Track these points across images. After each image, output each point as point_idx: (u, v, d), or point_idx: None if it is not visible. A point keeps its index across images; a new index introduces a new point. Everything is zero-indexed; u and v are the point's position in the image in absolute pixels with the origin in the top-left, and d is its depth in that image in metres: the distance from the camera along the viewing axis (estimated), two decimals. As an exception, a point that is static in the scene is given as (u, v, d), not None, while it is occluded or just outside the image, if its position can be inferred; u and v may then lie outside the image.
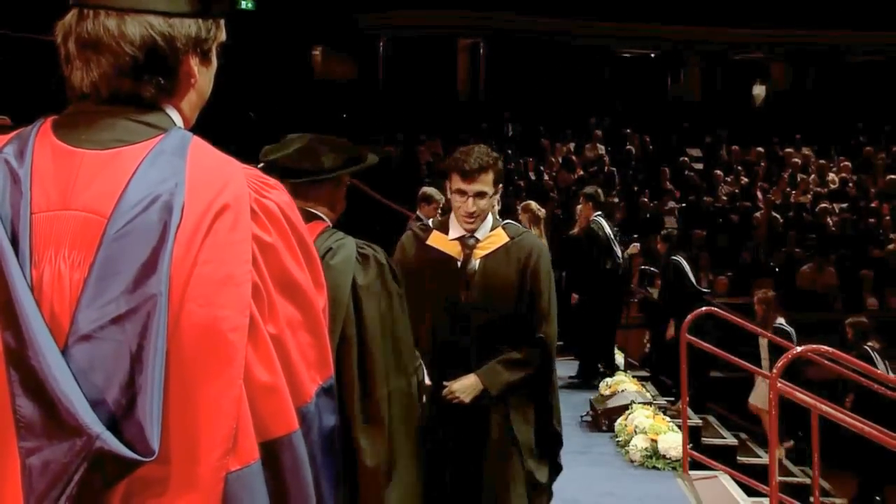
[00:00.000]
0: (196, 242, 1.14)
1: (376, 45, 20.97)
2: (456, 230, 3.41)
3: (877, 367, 7.67)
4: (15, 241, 1.13)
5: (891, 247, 13.09)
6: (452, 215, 3.44)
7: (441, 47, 21.05)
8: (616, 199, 14.79)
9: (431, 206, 8.01)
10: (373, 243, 2.63)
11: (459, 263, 3.37)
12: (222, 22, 1.33)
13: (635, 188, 16.17)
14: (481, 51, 21.49)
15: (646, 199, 15.57)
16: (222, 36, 1.33)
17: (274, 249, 1.22)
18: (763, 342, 8.36)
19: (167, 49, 1.24)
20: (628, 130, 18.63)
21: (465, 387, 3.33)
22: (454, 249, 3.40)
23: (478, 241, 3.40)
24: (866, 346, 8.22)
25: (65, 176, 1.18)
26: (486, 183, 3.28)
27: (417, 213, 8.16)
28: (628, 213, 14.88)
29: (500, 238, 3.41)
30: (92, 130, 1.21)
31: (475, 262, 3.37)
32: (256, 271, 1.20)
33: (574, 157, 17.21)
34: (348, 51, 20.44)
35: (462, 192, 3.30)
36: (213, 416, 1.14)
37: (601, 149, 17.79)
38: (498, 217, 3.56)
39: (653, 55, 22.24)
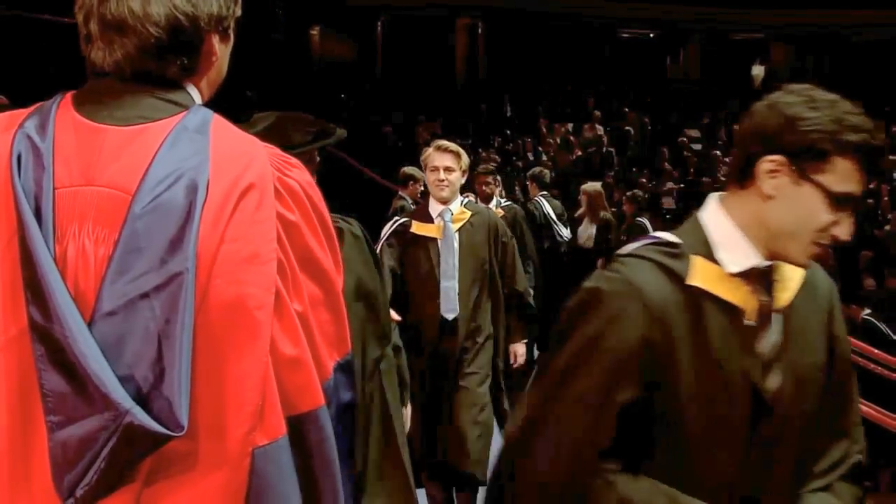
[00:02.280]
0: (222, 220, 1.15)
1: (374, 25, 20.88)
2: (747, 254, 1.63)
3: None
4: (38, 216, 1.13)
5: (888, 227, 13.09)
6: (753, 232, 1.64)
7: (439, 27, 20.96)
8: (613, 181, 14.79)
9: (414, 186, 8.00)
10: (349, 217, 2.68)
11: (754, 321, 1.64)
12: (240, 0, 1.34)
13: (634, 169, 16.15)
14: (479, 31, 21.40)
15: (644, 180, 15.54)
16: (238, 11, 1.34)
17: (297, 228, 1.23)
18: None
19: (190, 28, 1.24)
20: (627, 111, 18.59)
21: None
22: (746, 299, 1.62)
23: (772, 274, 1.68)
24: None
25: (88, 152, 1.18)
26: None
27: (400, 192, 8.16)
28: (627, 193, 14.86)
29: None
30: (114, 107, 1.21)
31: (777, 323, 1.67)
32: (280, 249, 1.20)
33: (572, 138, 17.16)
34: (346, 31, 20.36)
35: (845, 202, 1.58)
36: (240, 391, 1.15)
37: (600, 129, 17.74)
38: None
39: (652, 35, 22.16)
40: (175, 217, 1.12)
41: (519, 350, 4.72)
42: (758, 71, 21.89)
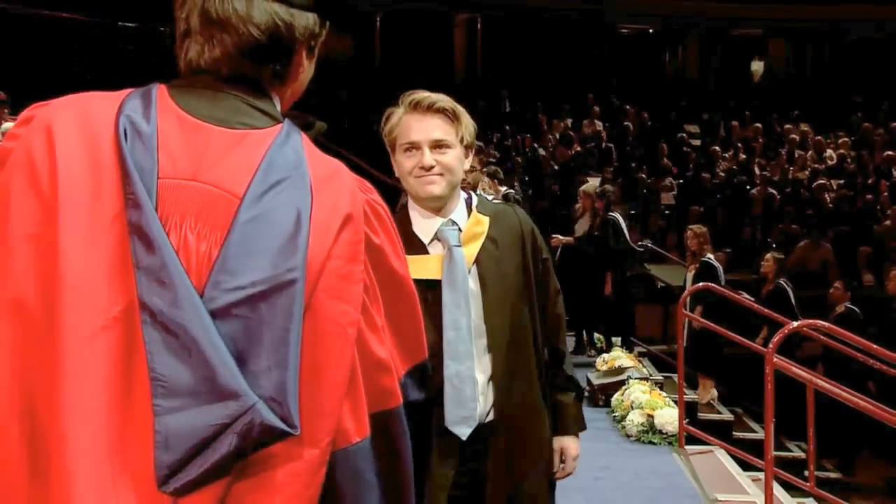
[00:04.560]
0: (329, 237, 1.19)
1: (373, 22, 20.85)
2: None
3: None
4: None
5: (888, 223, 13.10)
6: None
7: (438, 23, 20.93)
8: (612, 176, 14.79)
9: None
10: None
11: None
12: (328, 23, 1.37)
13: (633, 164, 16.14)
14: (478, 26, 21.38)
15: (643, 176, 15.55)
16: (325, 35, 1.37)
17: (381, 251, 1.29)
18: (689, 275, 8.71)
19: (287, 36, 1.28)
20: (626, 107, 18.58)
21: None
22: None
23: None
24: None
25: (193, 147, 1.19)
26: None
27: None
28: (626, 189, 14.87)
29: None
30: (214, 108, 1.23)
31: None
32: (364, 269, 1.26)
33: (572, 134, 17.16)
34: (345, 28, 20.33)
35: None
36: (328, 401, 1.19)
37: (599, 125, 17.74)
38: None
39: (651, 31, 22.14)
40: (285, 226, 1.15)
41: (569, 448, 2.60)
42: (757, 66, 21.87)
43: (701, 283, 7.47)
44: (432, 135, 2.38)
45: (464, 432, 2.34)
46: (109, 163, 1.15)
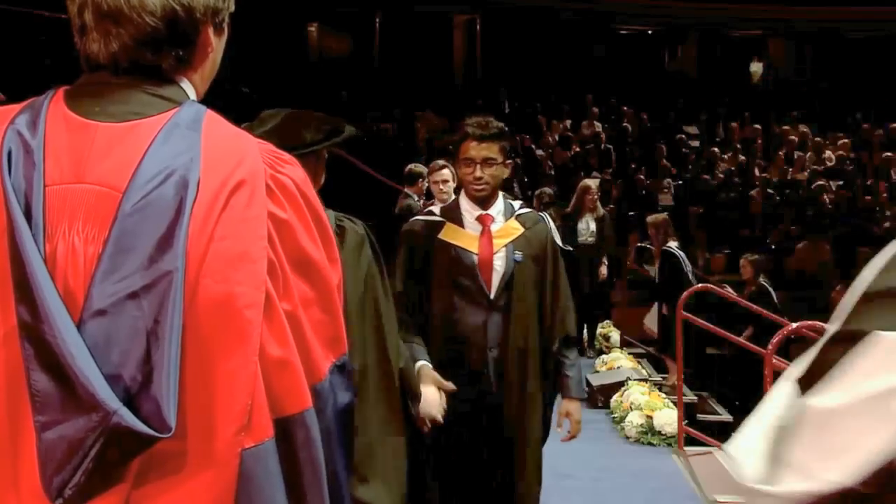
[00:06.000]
0: (212, 218, 1.14)
1: (372, 21, 20.85)
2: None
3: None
4: (28, 214, 1.11)
5: (887, 224, 13.11)
6: None
7: (437, 23, 20.93)
8: (612, 177, 14.80)
9: (421, 183, 7.73)
10: (352, 216, 2.63)
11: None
12: None
13: (632, 165, 16.15)
14: (477, 27, 21.38)
15: (642, 177, 15.54)
16: (233, 6, 1.32)
17: (289, 226, 1.21)
18: (655, 267, 8.73)
19: (186, 19, 1.23)
20: (625, 108, 18.58)
21: None
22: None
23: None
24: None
25: (78, 148, 1.17)
26: None
27: (406, 190, 8.02)
28: (625, 190, 14.87)
29: None
30: (106, 102, 1.20)
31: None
32: (271, 248, 1.19)
33: (570, 135, 17.16)
34: (344, 27, 20.32)
35: None
36: (229, 392, 1.14)
37: (598, 126, 17.74)
38: None
39: (650, 31, 22.14)
40: (165, 215, 1.11)
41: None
42: (756, 68, 21.87)
43: (700, 285, 7.46)
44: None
45: None
46: None
